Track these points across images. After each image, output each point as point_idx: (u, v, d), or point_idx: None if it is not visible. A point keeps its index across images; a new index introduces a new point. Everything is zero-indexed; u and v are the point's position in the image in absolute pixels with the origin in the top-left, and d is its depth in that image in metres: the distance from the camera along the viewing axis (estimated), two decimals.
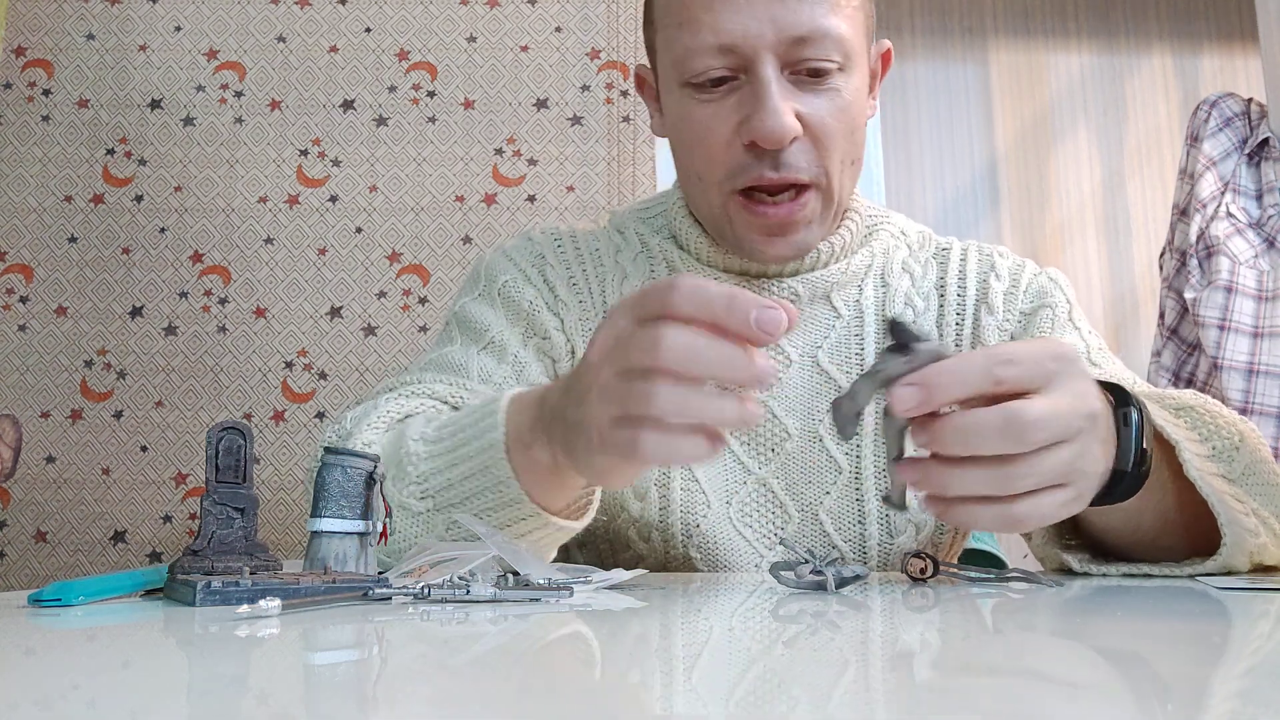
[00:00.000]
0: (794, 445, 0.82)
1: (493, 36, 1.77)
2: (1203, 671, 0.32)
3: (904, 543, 0.82)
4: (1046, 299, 0.88)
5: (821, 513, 0.82)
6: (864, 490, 0.82)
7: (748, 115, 0.74)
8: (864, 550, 0.82)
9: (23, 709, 0.25)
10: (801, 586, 0.56)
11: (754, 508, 0.82)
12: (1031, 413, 0.50)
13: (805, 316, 0.85)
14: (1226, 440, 0.65)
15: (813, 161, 0.76)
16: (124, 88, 1.74)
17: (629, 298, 0.53)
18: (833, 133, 0.76)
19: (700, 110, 0.77)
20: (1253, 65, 3.07)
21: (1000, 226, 3.10)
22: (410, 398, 0.78)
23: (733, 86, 0.76)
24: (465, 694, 0.29)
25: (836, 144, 0.76)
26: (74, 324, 1.67)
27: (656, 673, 0.33)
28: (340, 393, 1.67)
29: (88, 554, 1.61)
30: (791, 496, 0.82)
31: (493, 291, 0.88)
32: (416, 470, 0.66)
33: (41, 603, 0.48)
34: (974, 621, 0.47)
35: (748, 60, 0.74)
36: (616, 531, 0.83)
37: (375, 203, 1.72)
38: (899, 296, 0.88)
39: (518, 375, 0.84)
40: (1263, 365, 1.86)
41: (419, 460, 0.66)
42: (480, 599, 0.50)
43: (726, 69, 0.75)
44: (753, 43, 0.73)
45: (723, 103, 0.76)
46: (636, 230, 0.91)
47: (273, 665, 0.35)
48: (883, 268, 0.89)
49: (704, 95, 0.76)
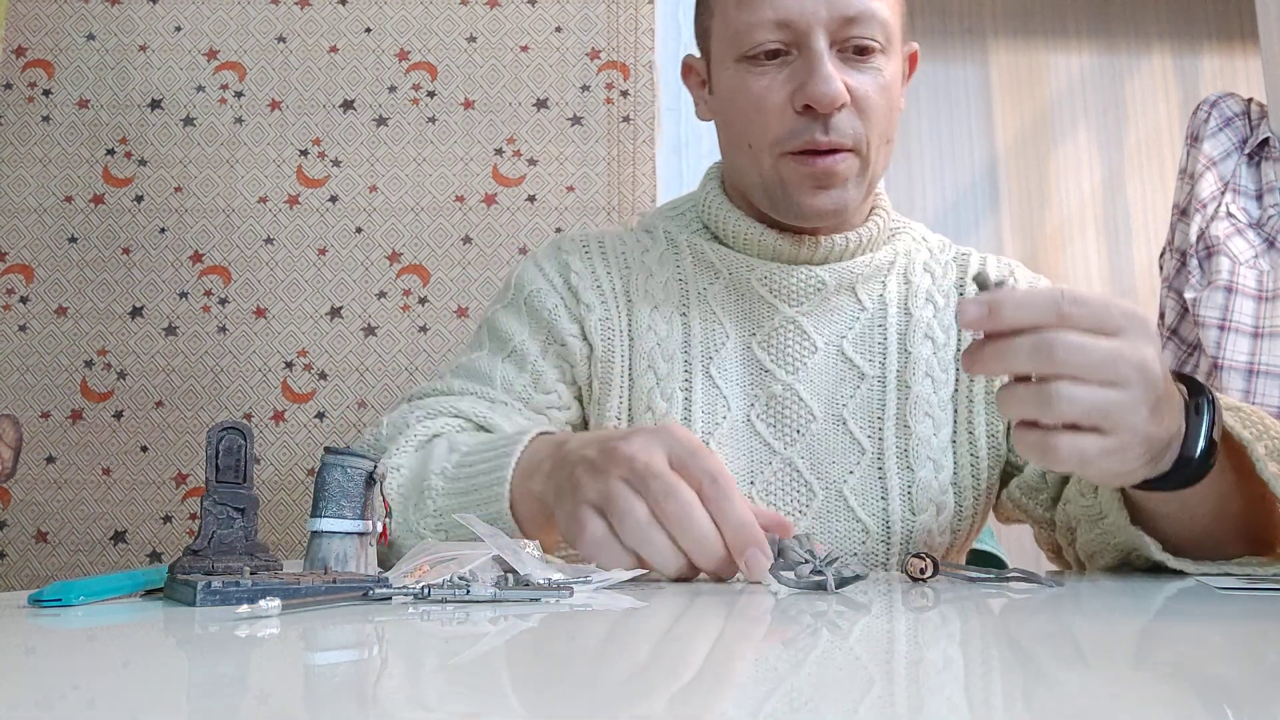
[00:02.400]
0: (819, 427, 0.87)
1: (493, 36, 1.77)
2: (1204, 671, 0.32)
3: (926, 521, 0.85)
4: None
5: (845, 490, 0.85)
6: (886, 470, 0.86)
7: (802, 83, 0.81)
8: (887, 526, 0.85)
9: (23, 709, 0.25)
10: (801, 586, 0.56)
11: (778, 486, 0.86)
12: (1063, 339, 0.53)
13: (831, 306, 0.90)
14: (1275, 440, 0.66)
15: (857, 129, 0.83)
16: (124, 88, 1.74)
17: (683, 441, 0.62)
18: (875, 106, 0.83)
19: (755, 81, 0.83)
20: (1253, 65, 3.07)
21: (1000, 226, 3.10)
22: (438, 417, 0.85)
23: (785, 60, 0.82)
24: (465, 694, 0.29)
25: (878, 118, 0.83)
26: (74, 324, 1.67)
27: (656, 673, 0.33)
28: (340, 393, 1.67)
29: (88, 554, 1.61)
30: (816, 475, 0.86)
31: (519, 300, 0.94)
32: (434, 505, 0.73)
33: (41, 603, 0.48)
34: (974, 621, 0.47)
35: (802, 35, 0.81)
36: None
37: (375, 203, 1.72)
38: (920, 293, 0.92)
39: (535, 384, 0.90)
40: (1263, 365, 1.86)
41: (437, 496, 0.73)
42: (480, 599, 0.50)
43: (781, 43, 0.82)
44: (808, 19, 0.80)
45: (776, 74, 0.83)
46: (665, 229, 0.95)
47: (273, 665, 0.35)
48: (905, 266, 0.94)
49: (758, 67, 0.83)
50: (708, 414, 0.86)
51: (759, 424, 0.87)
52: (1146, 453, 0.57)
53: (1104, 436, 0.55)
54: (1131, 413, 0.54)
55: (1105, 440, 0.55)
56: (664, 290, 0.91)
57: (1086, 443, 0.55)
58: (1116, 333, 0.54)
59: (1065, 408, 0.54)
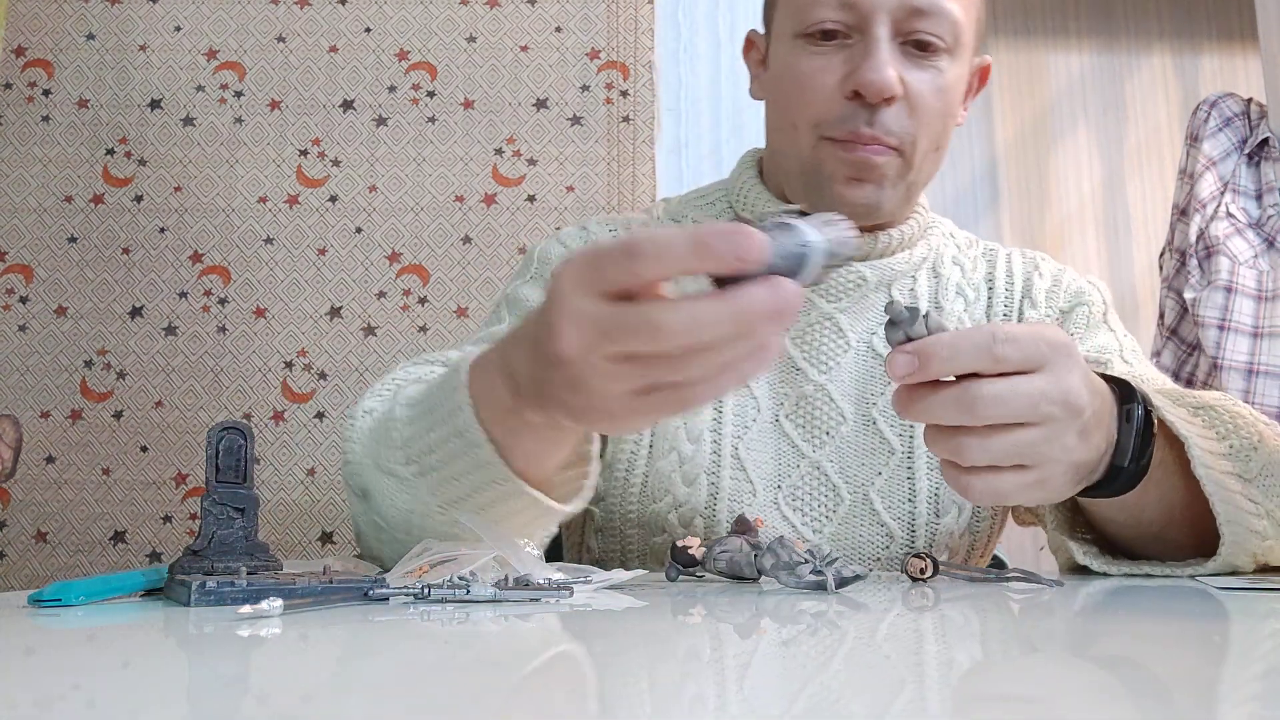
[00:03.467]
0: (849, 429, 0.85)
1: (493, 36, 1.77)
2: (1204, 671, 0.32)
3: (949, 523, 0.84)
4: (1083, 298, 0.92)
5: (872, 493, 0.83)
6: (915, 469, 0.84)
7: (855, 67, 0.78)
8: (912, 528, 0.84)
9: (23, 709, 0.25)
10: (801, 586, 0.56)
11: (805, 490, 0.84)
12: (986, 389, 0.52)
13: (866, 303, 0.88)
14: (1245, 439, 0.65)
15: (905, 128, 0.79)
16: (124, 88, 1.74)
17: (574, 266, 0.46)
18: (929, 106, 0.79)
19: (810, 60, 0.80)
20: (1253, 65, 3.07)
21: (1000, 226, 3.10)
22: (422, 364, 0.79)
23: (844, 43, 0.79)
24: (465, 694, 0.29)
25: (930, 120, 0.80)
26: (74, 324, 1.67)
27: (656, 673, 0.33)
28: (340, 393, 1.67)
29: (88, 554, 1.61)
30: (844, 479, 0.84)
31: (544, 273, 0.89)
32: (400, 435, 0.63)
33: (41, 603, 0.48)
34: (974, 621, 0.47)
35: (864, 18, 0.78)
36: (653, 516, 0.83)
37: (375, 203, 1.72)
38: (951, 286, 0.91)
39: None
40: (1262, 365, 1.86)
41: (401, 425, 0.63)
42: (480, 599, 0.50)
43: (842, 24, 0.79)
44: (873, 2, 0.77)
45: (833, 56, 0.79)
46: (694, 218, 0.93)
47: (273, 665, 0.35)
48: (935, 261, 0.92)
49: (815, 47, 0.80)
50: (738, 415, 0.84)
51: (787, 425, 0.85)
52: (1073, 477, 0.57)
53: (1024, 472, 0.55)
54: (1054, 447, 0.54)
55: (1025, 475, 0.55)
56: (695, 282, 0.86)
57: (1002, 481, 0.55)
58: (1042, 365, 0.53)
59: (978, 456, 0.54)
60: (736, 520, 0.64)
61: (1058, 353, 0.54)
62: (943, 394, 0.53)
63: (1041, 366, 0.53)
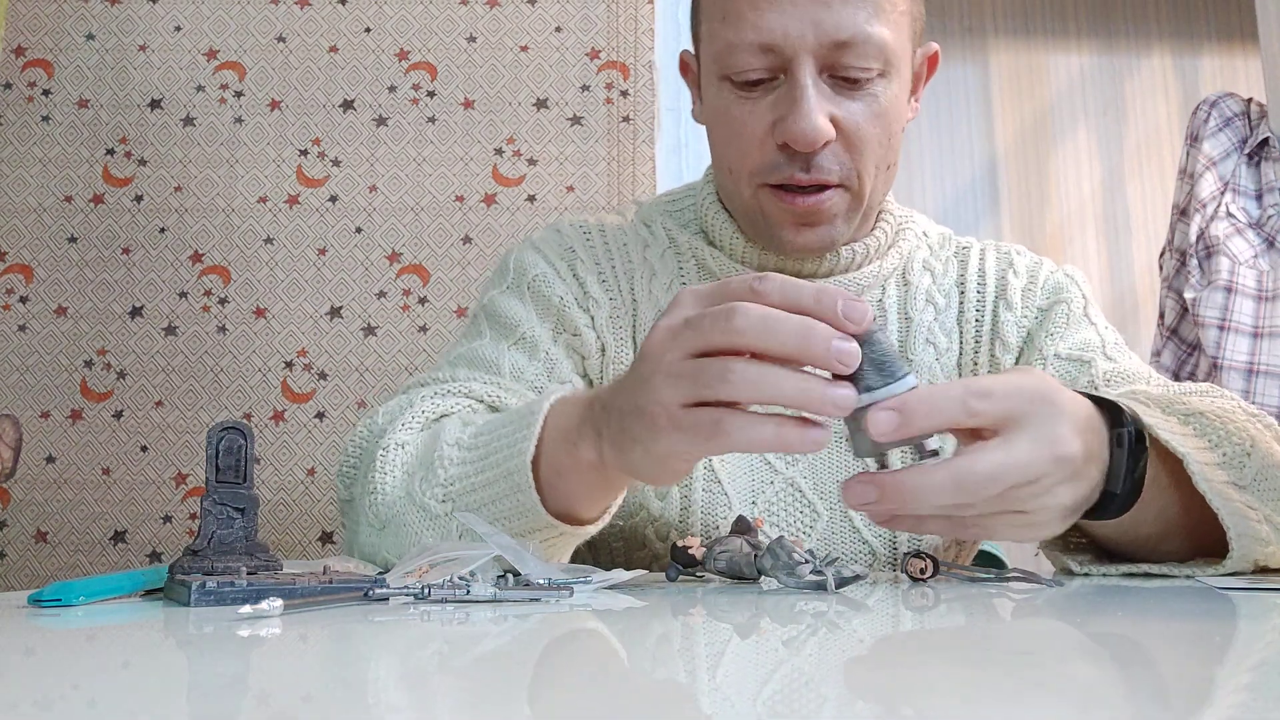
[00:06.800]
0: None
1: (493, 36, 1.77)
2: (1205, 671, 0.32)
3: (931, 539, 0.83)
4: (1062, 294, 0.89)
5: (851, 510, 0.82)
6: None
7: (782, 116, 0.75)
8: (894, 546, 0.83)
9: (23, 709, 0.25)
10: (801, 586, 0.56)
11: (781, 506, 0.82)
12: (982, 468, 0.50)
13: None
14: (1237, 446, 0.64)
15: (845, 165, 0.77)
16: (124, 88, 1.74)
17: (704, 287, 0.52)
18: (867, 138, 0.76)
19: (737, 107, 0.77)
20: (1253, 65, 3.07)
21: (1000, 226, 3.10)
22: (447, 396, 0.78)
23: (770, 87, 0.76)
24: (465, 694, 0.29)
25: (870, 149, 0.77)
26: (74, 324, 1.67)
27: (656, 672, 0.33)
28: (340, 393, 1.67)
29: (88, 554, 1.61)
30: (820, 496, 0.82)
31: (522, 285, 0.87)
32: (446, 474, 0.66)
33: (41, 603, 0.48)
34: (974, 621, 0.47)
35: (787, 60, 0.74)
36: (633, 530, 0.83)
37: (375, 203, 1.72)
38: (920, 295, 0.89)
39: (549, 372, 0.83)
40: (1262, 365, 1.86)
41: (450, 465, 0.66)
42: (480, 599, 0.50)
43: (766, 69, 0.75)
44: (794, 44, 0.73)
45: (759, 101, 0.76)
46: (664, 225, 0.90)
47: (273, 665, 0.35)
48: (905, 267, 0.90)
49: (741, 93, 0.77)
50: None
51: None
52: (1064, 516, 0.56)
53: (1017, 515, 0.54)
54: (1050, 498, 0.53)
55: (1018, 518, 0.54)
56: (667, 295, 0.87)
57: (997, 524, 0.54)
58: (1024, 421, 0.51)
59: (977, 533, 0.55)
60: (736, 520, 0.63)
61: (1036, 405, 0.52)
62: (937, 484, 0.50)
63: (1022, 422, 0.51)
